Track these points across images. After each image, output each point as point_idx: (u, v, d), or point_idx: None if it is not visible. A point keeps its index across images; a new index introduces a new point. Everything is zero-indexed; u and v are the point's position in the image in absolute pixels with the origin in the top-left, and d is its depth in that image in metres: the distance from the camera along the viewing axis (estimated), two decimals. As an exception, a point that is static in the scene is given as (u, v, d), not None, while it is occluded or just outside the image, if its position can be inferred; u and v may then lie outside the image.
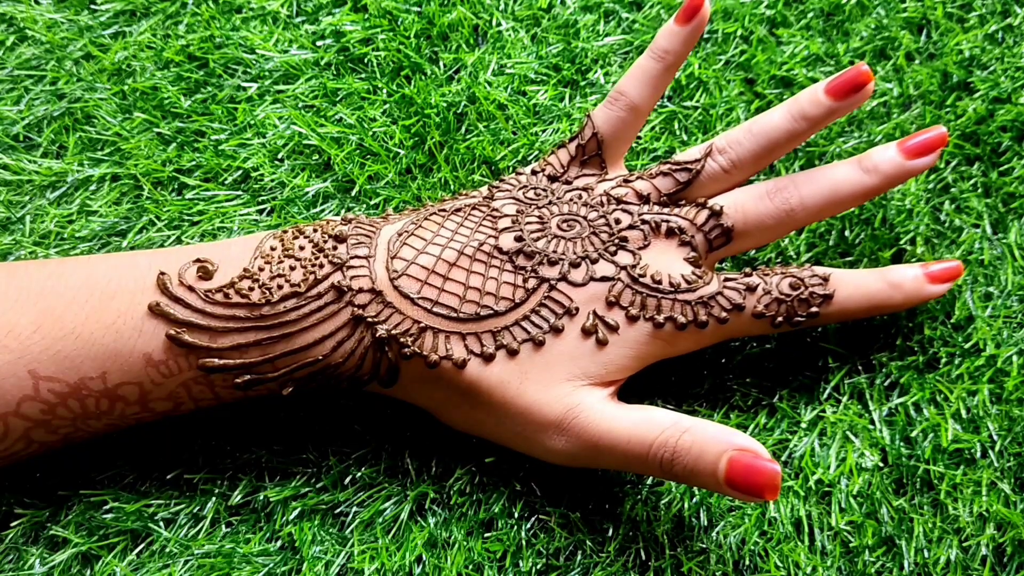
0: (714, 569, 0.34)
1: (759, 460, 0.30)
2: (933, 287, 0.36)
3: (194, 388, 0.34)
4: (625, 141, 0.39)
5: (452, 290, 0.34)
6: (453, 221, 0.36)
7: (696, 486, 0.34)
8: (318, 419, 0.37)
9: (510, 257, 0.35)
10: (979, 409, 0.36)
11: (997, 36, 0.45)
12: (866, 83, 0.36)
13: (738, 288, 0.35)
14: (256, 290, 0.33)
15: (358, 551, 0.34)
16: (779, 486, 0.30)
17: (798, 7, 0.46)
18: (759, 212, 0.36)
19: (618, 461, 0.33)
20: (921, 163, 0.36)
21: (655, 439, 0.32)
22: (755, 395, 0.38)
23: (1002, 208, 0.41)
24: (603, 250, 0.35)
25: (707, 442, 0.31)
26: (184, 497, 0.36)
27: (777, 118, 0.37)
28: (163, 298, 0.33)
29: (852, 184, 0.36)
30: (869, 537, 0.34)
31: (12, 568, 0.35)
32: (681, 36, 0.38)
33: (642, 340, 0.34)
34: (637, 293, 0.34)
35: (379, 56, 0.45)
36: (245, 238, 0.36)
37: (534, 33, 0.46)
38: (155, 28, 0.47)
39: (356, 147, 0.43)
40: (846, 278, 0.35)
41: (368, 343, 0.33)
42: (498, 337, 0.34)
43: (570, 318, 0.34)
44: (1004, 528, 0.34)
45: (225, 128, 0.44)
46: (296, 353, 0.33)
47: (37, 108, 0.45)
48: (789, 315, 0.35)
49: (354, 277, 0.34)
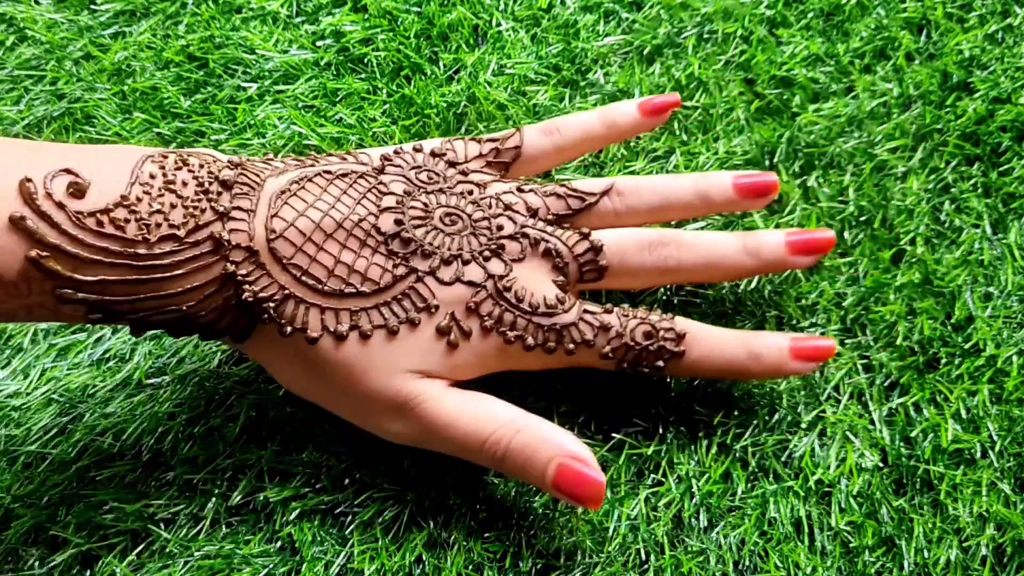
0: (714, 569, 0.34)
1: (586, 469, 0.31)
2: (796, 364, 0.35)
3: (37, 311, 0.31)
4: (534, 169, 0.39)
5: (323, 261, 0.33)
6: (337, 187, 0.35)
7: (525, 482, 0.35)
8: (318, 419, 0.37)
9: (386, 239, 0.34)
10: (979, 409, 0.36)
11: (997, 36, 0.45)
12: (771, 192, 0.38)
13: (593, 324, 0.35)
14: (132, 223, 0.31)
15: (358, 551, 0.34)
16: (603, 497, 0.31)
17: (798, 7, 0.46)
18: (637, 262, 0.36)
19: (454, 449, 0.34)
20: (802, 261, 0.37)
21: (490, 435, 0.33)
22: (755, 395, 0.38)
23: (1002, 208, 0.41)
24: (478, 252, 0.35)
25: (539, 445, 0.32)
26: (184, 497, 0.36)
27: (683, 187, 0.38)
28: (28, 211, 0.30)
29: (731, 261, 0.37)
30: (869, 537, 0.34)
31: (12, 569, 0.35)
32: (635, 122, 0.40)
33: (489, 352, 0.34)
34: (497, 305, 0.34)
35: (379, 56, 0.45)
36: (119, 150, 0.33)
37: (534, 33, 0.46)
38: (155, 28, 0.47)
39: (356, 147, 0.43)
40: (704, 340, 0.35)
41: (232, 301, 0.33)
42: (354, 318, 0.33)
43: (428, 314, 0.34)
44: (1004, 528, 0.34)
45: (225, 128, 0.44)
46: (161, 299, 0.32)
47: (37, 108, 0.45)
48: (636, 363, 0.35)
49: (233, 231, 0.32)
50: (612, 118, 0.40)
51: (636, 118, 0.40)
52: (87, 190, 0.31)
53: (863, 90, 0.44)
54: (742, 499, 0.35)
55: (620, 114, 0.40)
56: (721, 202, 0.38)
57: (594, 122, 0.40)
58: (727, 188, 0.38)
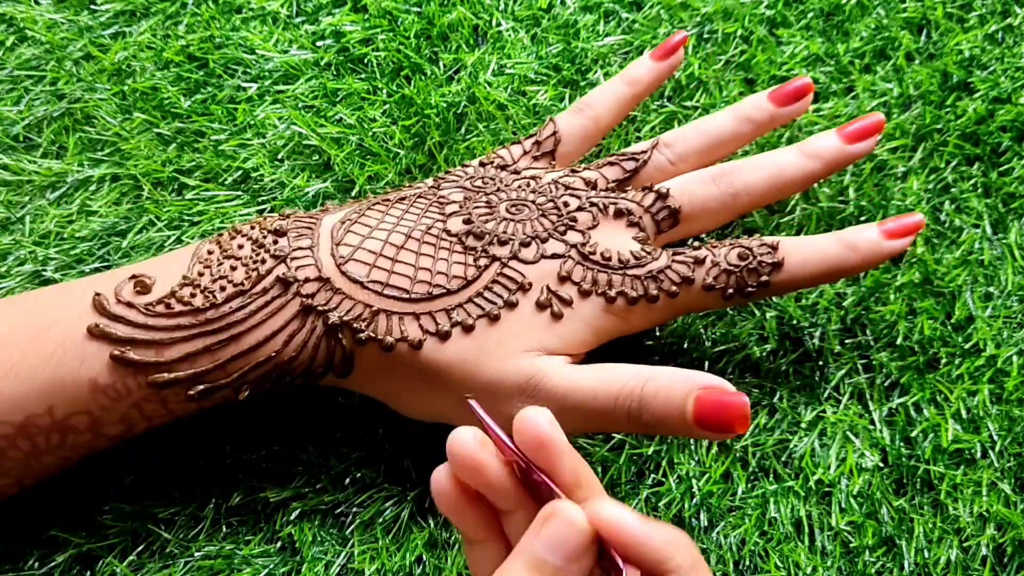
0: (714, 569, 0.34)
1: (726, 395, 0.30)
2: (891, 243, 0.35)
3: (146, 407, 0.32)
4: (578, 150, 0.40)
5: (402, 271, 0.33)
6: (398, 208, 0.36)
7: (665, 433, 0.34)
8: (318, 420, 0.37)
9: (459, 238, 0.35)
10: (979, 409, 0.36)
11: (997, 36, 0.45)
12: (807, 92, 0.39)
13: (686, 261, 0.35)
14: (199, 295, 0.32)
15: (358, 552, 0.34)
16: (748, 417, 0.30)
17: (798, 7, 0.46)
18: (705, 195, 0.37)
19: (587, 420, 0.32)
20: (860, 148, 0.38)
21: (620, 389, 0.32)
22: (755, 395, 0.38)
23: (1002, 208, 0.41)
24: (552, 230, 0.35)
25: (672, 386, 0.31)
26: (184, 498, 0.36)
27: (723, 119, 0.39)
28: (101, 319, 0.32)
29: (794, 169, 0.37)
30: (869, 537, 0.34)
31: (12, 569, 0.35)
32: (654, 70, 0.41)
33: (596, 315, 0.34)
34: (588, 269, 0.34)
35: (379, 56, 0.45)
36: (180, 250, 0.35)
37: (534, 33, 0.46)
38: (155, 28, 0.47)
39: (356, 147, 0.43)
40: (797, 244, 0.35)
41: (320, 332, 0.33)
42: (452, 314, 0.33)
43: (524, 293, 0.34)
44: (1004, 528, 0.34)
45: (225, 128, 0.44)
46: (247, 353, 0.32)
47: (37, 108, 0.45)
48: (739, 286, 0.35)
49: (299, 267, 0.33)
50: (631, 75, 0.41)
51: (653, 66, 0.41)
52: (152, 286, 0.33)
53: (863, 90, 0.44)
54: (742, 499, 0.35)
55: (637, 69, 0.41)
56: (765, 120, 0.39)
57: (617, 84, 0.41)
58: (764, 105, 0.39)
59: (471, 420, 0.32)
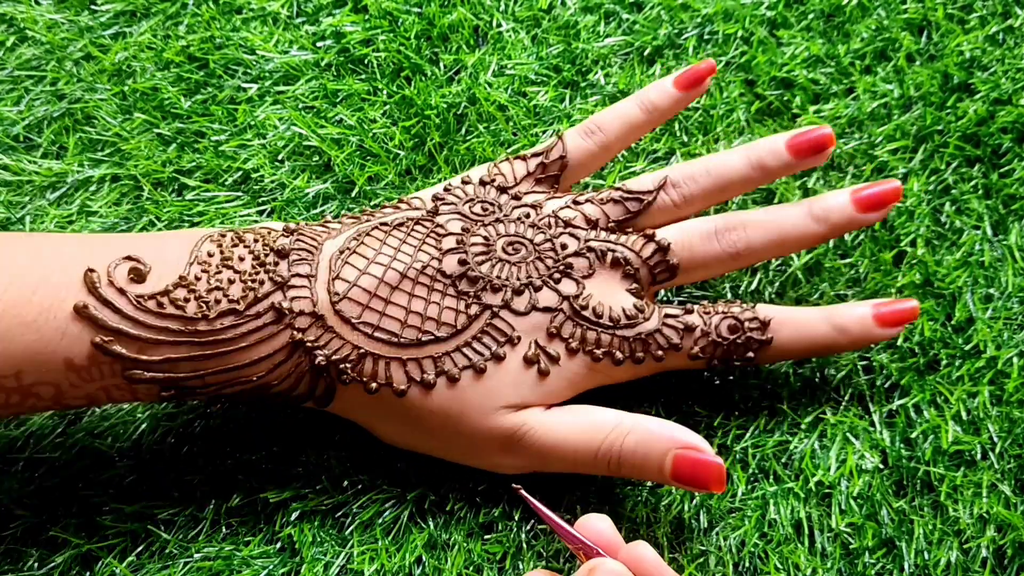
0: (714, 571, 0.34)
1: (701, 456, 0.32)
2: (882, 330, 0.35)
3: (115, 392, 0.32)
4: (583, 174, 0.39)
5: (393, 314, 0.33)
6: (395, 237, 0.35)
7: (642, 480, 0.35)
8: (318, 421, 0.37)
9: (453, 281, 0.34)
10: (979, 411, 0.36)
11: (998, 37, 0.45)
12: (828, 146, 0.37)
13: (677, 327, 0.35)
14: (192, 302, 0.32)
15: (358, 552, 0.34)
16: (724, 479, 0.31)
17: (799, 8, 0.46)
18: (705, 253, 0.36)
19: (567, 467, 0.34)
20: (872, 217, 0.36)
21: (600, 444, 0.33)
22: (755, 396, 0.38)
23: (1003, 210, 0.41)
24: (547, 276, 0.35)
25: (650, 442, 0.32)
26: (183, 498, 0.36)
27: (736, 162, 0.37)
28: (91, 299, 0.31)
29: (800, 233, 0.36)
30: (869, 539, 0.34)
31: (12, 569, 0.35)
32: (673, 99, 0.39)
33: (580, 372, 0.34)
34: (578, 326, 0.34)
35: (379, 57, 0.45)
36: (179, 235, 0.34)
37: (534, 34, 0.46)
38: (155, 29, 0.47)
39: (356, 148, 0.43)
40: (788, 321, 0.35)
41: (305, 368, 0.33)
42: (439, 363, 0.33)
43: (511, 346, 0.34)
44: (1004, 530, 0.34)
45: (225, 129, 0.44)
46: (230, 371, 0.32)
47: (37, 109, 0.45)
48: (725, 358, 0.35)
49: (295, 299, 0.33)
50: (650, 101, 0.39)
51: (674, 95, 0.39)
52: (147, 274, 0.32)
53: (864, 91, 0.44)
54: (742, 500, 0.35)
55: (658, 94, 0.39)
56: (778, 168, 0.37)
57: (633, 110, 0.39)
58: (781, 153, 0.37)
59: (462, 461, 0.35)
